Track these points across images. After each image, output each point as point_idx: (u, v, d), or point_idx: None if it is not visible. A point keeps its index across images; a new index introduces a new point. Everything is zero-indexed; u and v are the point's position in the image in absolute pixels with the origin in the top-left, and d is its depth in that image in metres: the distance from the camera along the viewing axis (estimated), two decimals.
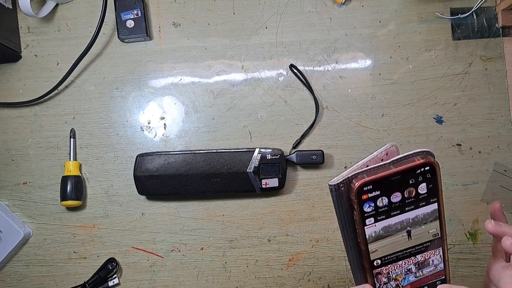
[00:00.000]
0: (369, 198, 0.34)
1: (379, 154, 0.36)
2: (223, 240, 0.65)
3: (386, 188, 0.34)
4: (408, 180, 0.34)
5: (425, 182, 0.34)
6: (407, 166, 0.33)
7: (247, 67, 0.66)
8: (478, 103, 0.65)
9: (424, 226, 0.36)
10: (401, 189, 0.34)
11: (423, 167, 0.34)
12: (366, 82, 0.65)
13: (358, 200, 0.34)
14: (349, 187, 0.34)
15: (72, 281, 0.65)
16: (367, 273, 0.37)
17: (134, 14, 0.64)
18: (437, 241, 0.37)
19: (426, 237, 0.36)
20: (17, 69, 0.66)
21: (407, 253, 0.37)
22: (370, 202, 0.34)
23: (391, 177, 0.33)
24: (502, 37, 0.65)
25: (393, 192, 0.34)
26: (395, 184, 0.34)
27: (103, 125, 0.66)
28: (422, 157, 0.34)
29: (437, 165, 0.34)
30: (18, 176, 0.66)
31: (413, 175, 0.34)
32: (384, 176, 0.33)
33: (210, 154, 0.62)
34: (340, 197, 0.34)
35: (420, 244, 0.37)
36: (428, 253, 0.37)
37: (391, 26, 0.66)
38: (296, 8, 0.66)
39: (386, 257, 0.36)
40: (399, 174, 0.33)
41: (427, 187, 0.34)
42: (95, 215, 0.65)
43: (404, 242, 0.36)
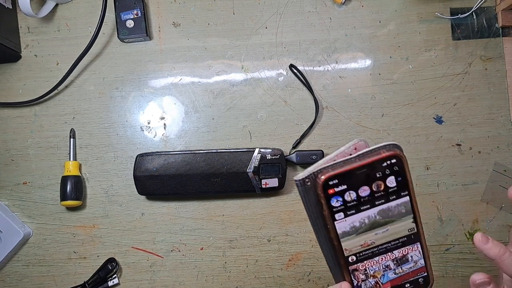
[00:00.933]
0: (336, 193, 0.34)
1: (347, 149, 0.35)
2: (223, 240, 0.65)
3: (353, 182, 0.33)
4: (375, 174, 0.33)
5: (393, 175, 0.34)
6: (372, 159, 0.33)
7: (247, 67, 0.66)
8: (478, 103, 0.65)
9: (398, 220, 0.35)
10: (368, 183, 0.34)
11: (389, 160, 0.33)
12: (366, 82, 0.65)
13: (325, 194, 0.33)
14: (315, 182, 0.34)
15: (72, 281, 0.65)
16: (343, 270, 0.36)
17: (134, 14, 0.64)
18: (413, 236, 0.36)
19: (402, 232, 0.36)
20: (17, 69, 0.66)
21: (383, 248, 0.36)
22: (338, 196, 0.34)
23: (357, 171, 0.33)
24: (502, 37, 0.65)
25: (361, 186, 0.34)
26: (362, 177, 0.33)
27: (103, 125, 0.66)
28: (388, 150, 0.33)
29: (404, 158, 0.33)
30: (18, 176, 0.66)
31: (379, 168, 0.33)
32: (349, 170, 0.33)
33: (210, 154, 0.62)
34: (307, 193, 0.34)
35: (396, 240, 0.36)
36: (406, 248, 0.37)
37: (391, 26, 0.66)
38: (296, 8, 0.66)
39: (361, 253, 0.36)
40: (365, 167, 0.33)
41: (396, 180, 0.34)
42: (95, 215, 0.65)
43: (378, 237, 0.36)
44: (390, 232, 0.36)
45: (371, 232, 0.35)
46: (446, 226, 0.64)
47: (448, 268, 0.64)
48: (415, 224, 0.36)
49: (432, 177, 0.65)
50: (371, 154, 0.33)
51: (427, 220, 0.64)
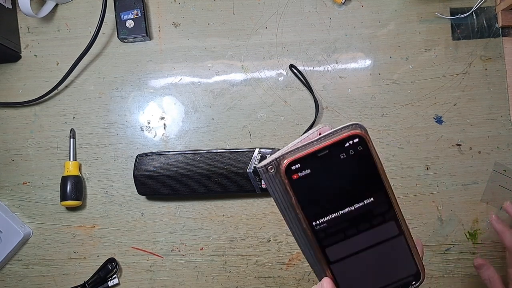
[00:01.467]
0: (301, 178, 0.32)
1: (311, 135, 0.34)
2: (223, 240, 0.65)
3: (317, 166, 0.32)
4: (338, 155, 0.32)
5: (357, 156, 0.32)
6: (332, 140, 0.32)
7: (247, 67, 0.66)
8: (478, 103, 0.65)
9: (371, 203, 0.33)
10: (333, 166, 0.32)
11: (351, 140, 0.32)
12: (366, 82, 0.65)
13: (289, 180, 0.32)
14: (279, 169, 0.32)
15: (72, 281, 0.65)
16: (323, 264, 0.34)
17: (134, 14, 0.64)
18: (392, 222, 0.34)
19: (377, 217, 0.34)
20: (17, 69, 0.66)
21: (362, 237, 0.34)
22: (303, 182, 0.32)
23: (318, 153, 0.32)
24: (502, 37, 0.65)
25: (325, 169, 0.32)
26: (326, 160, 0.32)
27: (103, 125, 0.66)
28: (350, 130, 0.32)
29: (367, 137, 0.32)
30: (18, 176, 0.66)
31: (342, 149, 0.32)
32: (310, 153, 0.32)
33: (210, 154, 0.62)
34: (272, 181, 0.33)
35: (373, 226, 0.34)
36: (384, 233, 0.34)
37: (391, 26, 0.66)
38: (296, 8, 0.66)
39: (338, 243, 0.34)
40: (326, 149, 0.32)
41: (360, 161, 0.32)
42: (95, 215, 0.65)
43: (353, 223, 0.34)
44: (365, 217, 0.33)
45: (345, 220, 0.33)
46: (446, 226, 0.64)
47: (448, 268, 0.64)
48: (391, 208, 0.34)
49: (432, 177, 0.65)
50: (333, 136, 0.32)
51: (427, 220, 0.64)
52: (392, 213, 0.34)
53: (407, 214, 0.64)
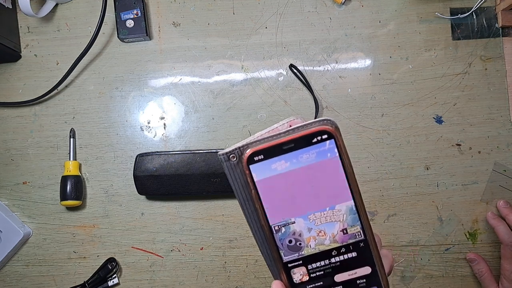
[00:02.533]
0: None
1: (280, 126, 0.32)
2: (223, 240, 0.65)
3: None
4: (304, 152, 0.30)
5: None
6: (300, 134, 0.30)
7: (247, 67, 0.66)
8: (477, 103, 0.65)
9: (336, 205, 0.31)
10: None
11: (319, 136, 0.30)
12: (366, 82, 0.65)
13: (250, 172, 0.30)
14: (241, 159, 0.30)
15: (72, 281, 0.65)
16: (279, 266, 0.32)
17: (134, 13, 0.64)
18: (359, 234, 0.31)
19: (340, 220, 0.31)
20: (16, 69, 0.66)
21: (322, 238, 0.32)
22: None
23: (284, 146, 0.30)
24: (502, 37, 0.65)
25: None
26: (290, 156, 0.30)
27: (103, 125, 0.66)
28: (320, 125, 0.30)
29: (336, 134, 0.30)
30: (17, 175, 0.66)
31: (308, 145, 0.30)
32: (276, 145, 0.30)
33: (210, 154, 0.62)
34: (233, 170, 0.31)
35: (338, 230, 0.31)
36: (354, 251, 0.32)
37: (391, 26, 0.66)
38: (296, 8, 0.66)
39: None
40: (292, 142, 0.30)
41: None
42: (95, 215, 0.65)
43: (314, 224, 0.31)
44: (327, 218, 0.31)
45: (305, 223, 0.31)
46: (446, 226, 0.64)
47: (448, 268, 0.64)
48: (358, 216, 0.31)
49: (431, 177, 0.65)
50: (301, 130, 0.30)
51: (426, 220, 0.64)
52: (358, 223, 0.31)
53: (406, 214, 0.64)
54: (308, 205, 0.31)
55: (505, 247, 0.59)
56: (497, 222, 0.61)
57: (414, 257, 0.64)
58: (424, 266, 0.64)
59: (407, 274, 0.64)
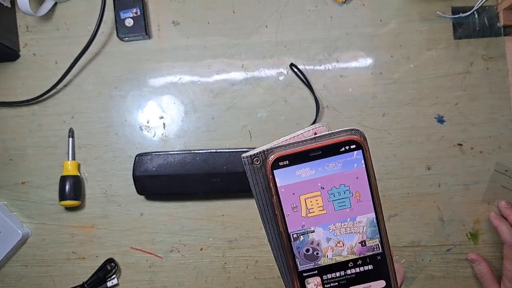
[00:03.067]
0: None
1: (306, 133, 0.31)
2: (222, 241, 0.64)
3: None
4: (331, 160, 0.30)
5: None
6: (328, 142, 0.30)
7: (247, 66, 0.65)
8: (479, 102, 0.64)
9: (358, 216, 0.31)
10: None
11: (347, 145, 0.30)
12: (367, 81, 0.65)
13: (274, 177, 0.30)
14: (265, 163, 0.30)
15: (71, 281, 0.64)
16: (293, 274, 0.32)
17: (133, 12, 0.64)
18: (377, 247, 0.31)
19: (361, 231, 0.31)
20: (15, 68, 0.66)
21: (340, 249, 0.31)
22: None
23: (310, 153, 0.30)
24: (504, 36, 0.65)
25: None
26: (317, 163, 0.30)
27: (102, 125, 0.65)
28: (348, 135, 0.30)
29: (364, 144, 0.30)
30: (16, 175, 0.65)
31: (336, 154, 0.30)
32: (301, 151, 0.29)
33: (210, 154, 0.62)
34: (255, 174, 0.31)
35: (357, 240, 0.31)
36: (367, 254, 0.31)
37: (392, 25, 0.65)
38: (296, 6, 0.65)
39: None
40: (319, 150, 0.30)
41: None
42: (94, 215, 0.65)
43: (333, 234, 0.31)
44: (347, 229, 0.31)
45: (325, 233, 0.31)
46: (447, 227, 0.64)
47: (449, 269, 0.64)
48: (378, 228, 0.31)
49: (433, 177, 0.64)
50: (329, 137, 0.30)
51: (428, 221, 0.64)
52: (377, 236, 0.31)
53: (408, 215, 0.64)
54: (330, 215, 0.31)
55: (508, 247, 0.59)
56: (500, 222, 0.61)
57: (416, 258, 0.64)
58: (425, 267, 0.64)
59: (409, 274, 0.64)
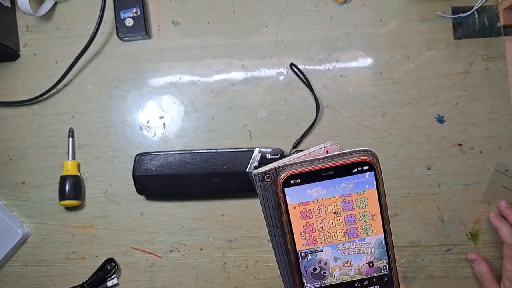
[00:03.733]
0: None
1: (317, 151, 0.32)
2: (222, 241, 0.64)
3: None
4: (343, 180, 0.30)
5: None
6: (341, 162, 0.30)
7: (247, 66, 0.65)
8: (479, 102, 0.64)
9: (366, 236, 0.31)
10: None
11: (360, 166, 0.30)
12: (367, 81, 0.65)
13: (285, 195, 0.30)
14: (276, 180, 0.30)
15: (71, 281, 0.64)
16: None
17: (133, 12, 0.64)
18: (384, 268, 0.31)
19: (369, 252, 0.31)
20: (15, 68, 0.66)
21: (348, 268, 0.32)
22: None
23: (322, 172, 0.30)
24: (504, 36, 0.65)
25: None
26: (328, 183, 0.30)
27: (102, 125, 0.65)
28: (360, 155, 0.30)
29: (376, 166, 0.30)
30: (16, 175, 0.65)
31: (348, 174, 0.30)
32: (313, 171, 0.29)
33: (210, 154, 0.62)
34: (265, 191, 0.30)
35: (359, 264, 0.32)
36: (374, 275, 0.32)
37: (392, 25, 0.65)
38: (296, 6, 0.65)
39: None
40: (332, 170, 0.30)
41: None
42: (94, 215, 0.65)
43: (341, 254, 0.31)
44: (356, 250, 0.31)
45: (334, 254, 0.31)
46: (447, 227, 0.64)
47: (449, 269, 0.64)
48: (386, 251, 0.31)
49: (433, 177, 0.64)
50: (341, 157, 0.30)
51: (428, 221, 0.64)
52: (385, 257, 0.31)
53: (408, 215, 0.64)
54: (339, 235, 0.31)
55: (507, 248, 0.59)
56: (500, 222, 0.61)
57: (416, 258, 0.64)
58: (425, 267, 0.64)
59: (408, 274, 0.64)
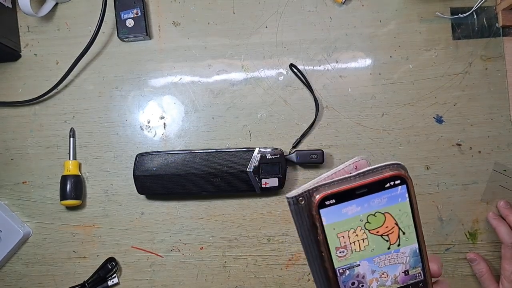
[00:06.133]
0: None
1: (346, 168, 0.32)
2: (222, 240, 0.65)
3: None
4: (376, 196, 0.30)
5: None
6: (374, 179, 0.30)
7: (247, 67, 0.66)
8: (478, 102, 0.65)
9: (402, 247, 0.31)
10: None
11: (392, 181, 0.30)
12: (366, 81, 0.65)
13: (320, 216, 0.30)
14: (310, 201, 0.30)
15: (72, 280, 0.65)
16: None
17: (133, 13, 0.64)
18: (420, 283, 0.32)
19: (405, 262, 0.32)
20: (16, 68, 0.66)
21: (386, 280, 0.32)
22: None
23: (357, 191, 0.30)
24: (503, 36, 0.65)
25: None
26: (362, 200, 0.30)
27: (103, 125, 0.66)
28: (391, 170, 0.30)
29: (409, 179, 0.30)
30: (17, 175, 0.66)
31: (381, 190, 0.30)
32: (348, 189, 0.30)
33: (210, 153, 0.62)
34: (300, 213, 0.31)
35: (395, 275, 0.32)
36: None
37: (391, 25, 0.66)
38: (296, 7, 0.66)
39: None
40: (365, 187, 0.30)
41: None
42: (95, 215, 0.65)
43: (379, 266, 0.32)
44: (391, 261, 0.32)
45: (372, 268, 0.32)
46: (446, 226, 0.64)
47: (448, 268, 0.64)
48: (422, 264, 0.32)
49: (432, 177, 0.64)
50: (373, 173, 0.30)
51: (427, 220, 0.64)
52: (420, 264, 0.32)
53: None
54: (375, 249, 0.31)
55: (506, 248, 0.59)
56: (498, 222, 0.61)
57: None
58: None
59: None
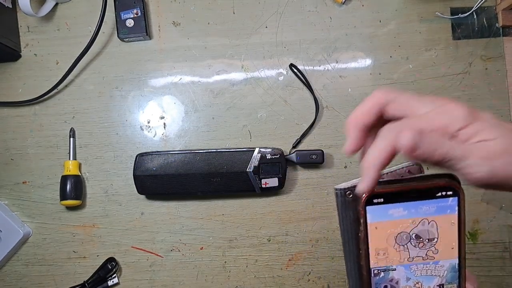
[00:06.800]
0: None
1: (399, 170, 0.32)
2: (222, 240, 0.65)
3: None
4: (427, 203, 0.30)
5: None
6: (427, 185, 0.30)
7: (247, 67, 0.66)
8: (478, 103, 0.65)
9: (441, 259, 0.31)
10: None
11: (444, 191, 0.30)
12: (366, 81, 0.65)
13: (365, 212, 0.29)
14: (358, 197, 0.30)
15: (72, 280, 0.65)
16: None
17: (133, 13, 0.64)
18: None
19: (443, 269, 0.31)
20: (16, 68, 0.66)
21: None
22: None
23: (407, 194, 0.30)
24: (503, 36, 0.65)
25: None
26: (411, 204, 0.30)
27: (103, 125, 0.66)
28: (446, 181, 0.30)
29: (462, 193, 0.30)
30: (17, 175, 0.66)
31: (432, 197, 0.30)
32: (399, 191, 0.29)
33: (210, 153, 0.62)
34: (346, 206, 0.30)
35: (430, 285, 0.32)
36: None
37: (392, 25, 0.66)
38: (296, 7, 0.66)
39: None
40: (417, 192, 0.29)
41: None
42: (95, 215, 0.65)
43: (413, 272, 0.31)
44: (428, 271, 0.31)
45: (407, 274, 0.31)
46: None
47: None
48: (458, 274, 0.31)
49: None
50: (426, 180, 0.30)
51: None
52: (456, 281, 0.31)
53: None
54: (414, 256, 0.31)
55: None
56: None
57: None
58: None
59: None
